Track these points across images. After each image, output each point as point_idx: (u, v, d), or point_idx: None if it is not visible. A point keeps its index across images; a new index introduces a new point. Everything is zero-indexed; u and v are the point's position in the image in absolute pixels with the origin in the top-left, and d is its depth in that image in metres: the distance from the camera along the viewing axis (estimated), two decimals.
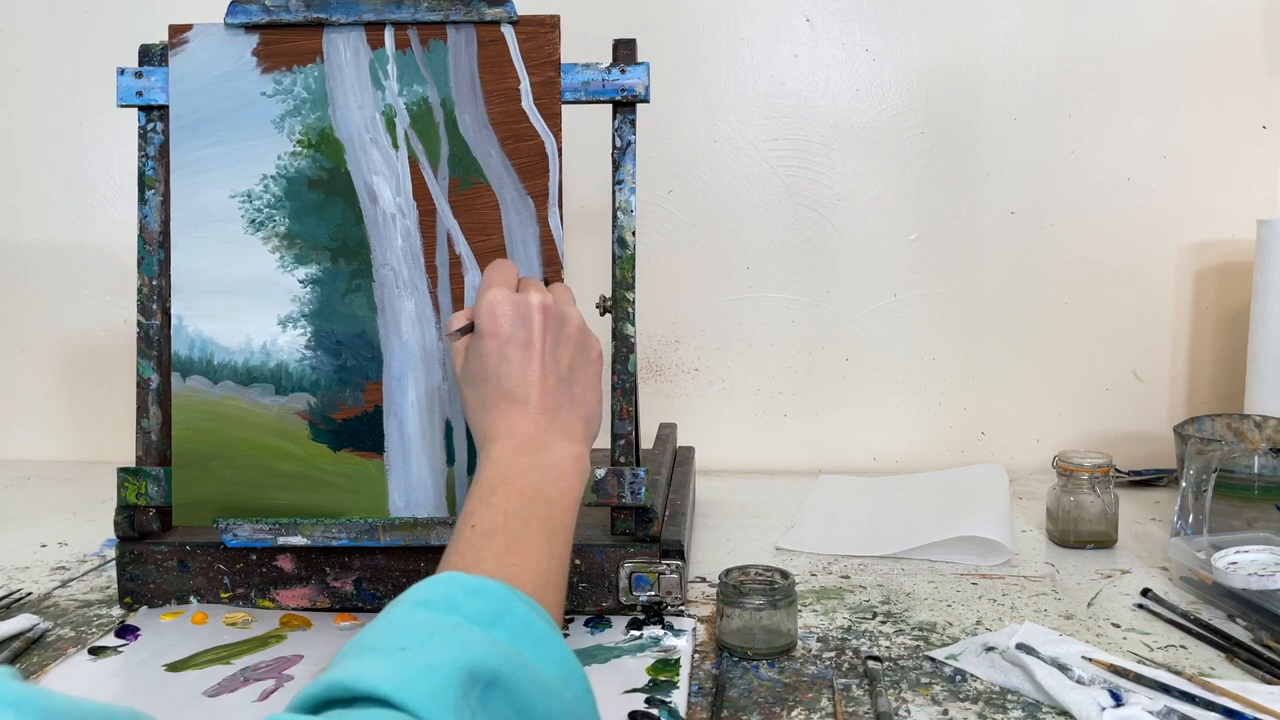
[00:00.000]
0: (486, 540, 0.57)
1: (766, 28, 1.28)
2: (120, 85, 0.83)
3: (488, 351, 0.66)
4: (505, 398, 0.65)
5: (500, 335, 0.66)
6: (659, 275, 1.30)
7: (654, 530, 0.81)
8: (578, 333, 0.69)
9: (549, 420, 0.64)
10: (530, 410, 0.64)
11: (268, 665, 0.72)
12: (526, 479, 0.61)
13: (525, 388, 0.65)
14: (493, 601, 0.49)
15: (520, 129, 0.82)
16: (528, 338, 0.66)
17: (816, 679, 0.70)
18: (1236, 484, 0.92)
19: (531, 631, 0.49)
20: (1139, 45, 1.25)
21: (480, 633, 0.47)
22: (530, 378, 0.65)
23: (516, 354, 0.65)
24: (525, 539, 0.57)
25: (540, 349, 0.65)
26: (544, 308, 0.66)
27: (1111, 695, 0.64)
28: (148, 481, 0.81)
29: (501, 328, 0.66)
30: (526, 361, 0.65)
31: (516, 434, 0.63)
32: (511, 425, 0.63)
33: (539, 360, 0.65)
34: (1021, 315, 1.29)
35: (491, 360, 0.66)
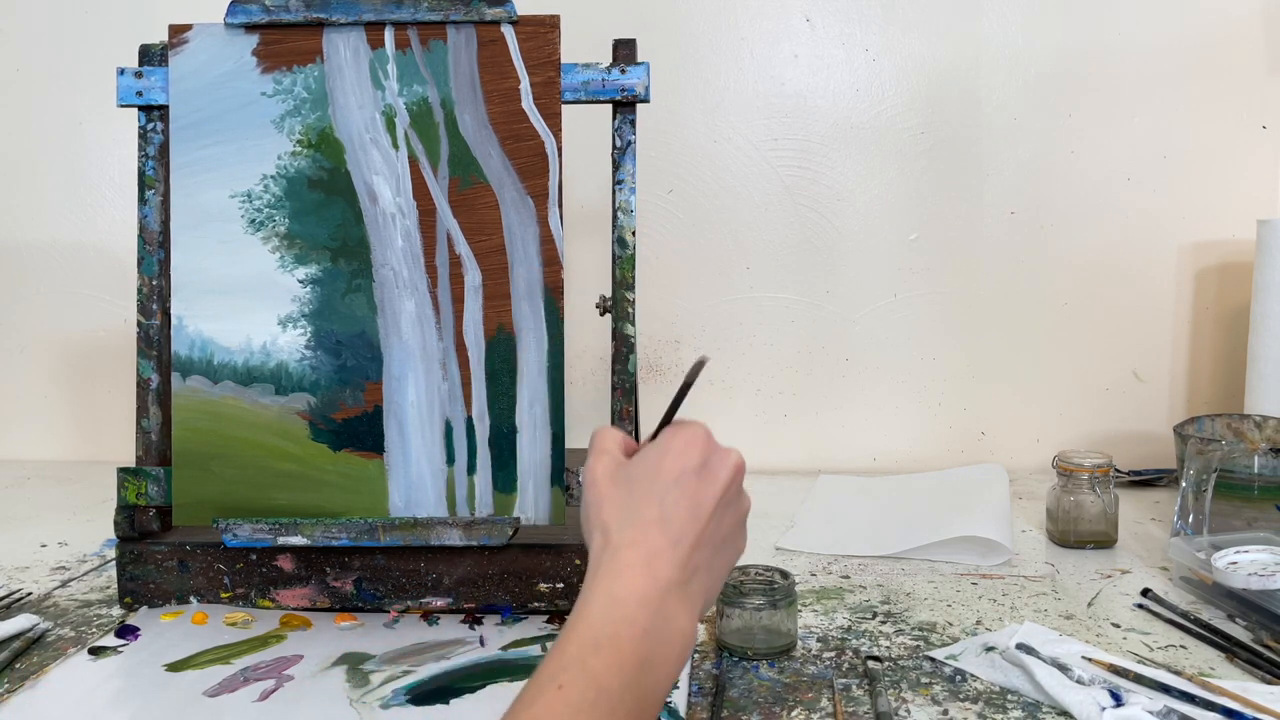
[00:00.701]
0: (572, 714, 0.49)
1: (766, 28, 1.28)
2: (120, 85, 0.83)
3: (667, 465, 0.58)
4: (660, 523, 0.56)
5: (689, 464, 0.58)
6: (659, 275, 1.30)
7: None
8: (744, 515, 0.61)
9: (685, 579, 0.55)
10: (679, 555, 0.55)
11: (268, 665, 0.72)
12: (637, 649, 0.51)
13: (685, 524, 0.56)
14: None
15: (520, 129, 0.82)
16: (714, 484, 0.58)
17: (816, 679, 0.70)
18: (1236, 484, 0.92)
19: None
20: (1139, 45, 1.25)
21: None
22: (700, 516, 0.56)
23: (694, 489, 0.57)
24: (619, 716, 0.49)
25: (717, 500, 0.57)
26: (739, 469, 0.59)
27: (1111, 695, 0.64)
28: (148, 481, 0.81)
29: (692, 458, 0.58)
30: (699, 501, 0.57)
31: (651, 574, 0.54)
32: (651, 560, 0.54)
33: (711, 509, 0.57)
34: (1021, 315, 1.29)
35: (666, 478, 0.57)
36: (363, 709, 0.66)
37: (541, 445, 0.80)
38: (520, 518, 0.79)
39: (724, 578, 0.60)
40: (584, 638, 0.51)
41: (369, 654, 0.74)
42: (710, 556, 0.57)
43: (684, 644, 0.54)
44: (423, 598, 0.81)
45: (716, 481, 0.58)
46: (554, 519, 0.80)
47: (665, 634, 0.53)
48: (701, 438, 0.59)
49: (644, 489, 0.57)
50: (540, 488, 0.80)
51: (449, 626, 0.79)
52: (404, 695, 0.67)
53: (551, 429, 0.80)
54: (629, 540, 0.55)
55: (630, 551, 0.54)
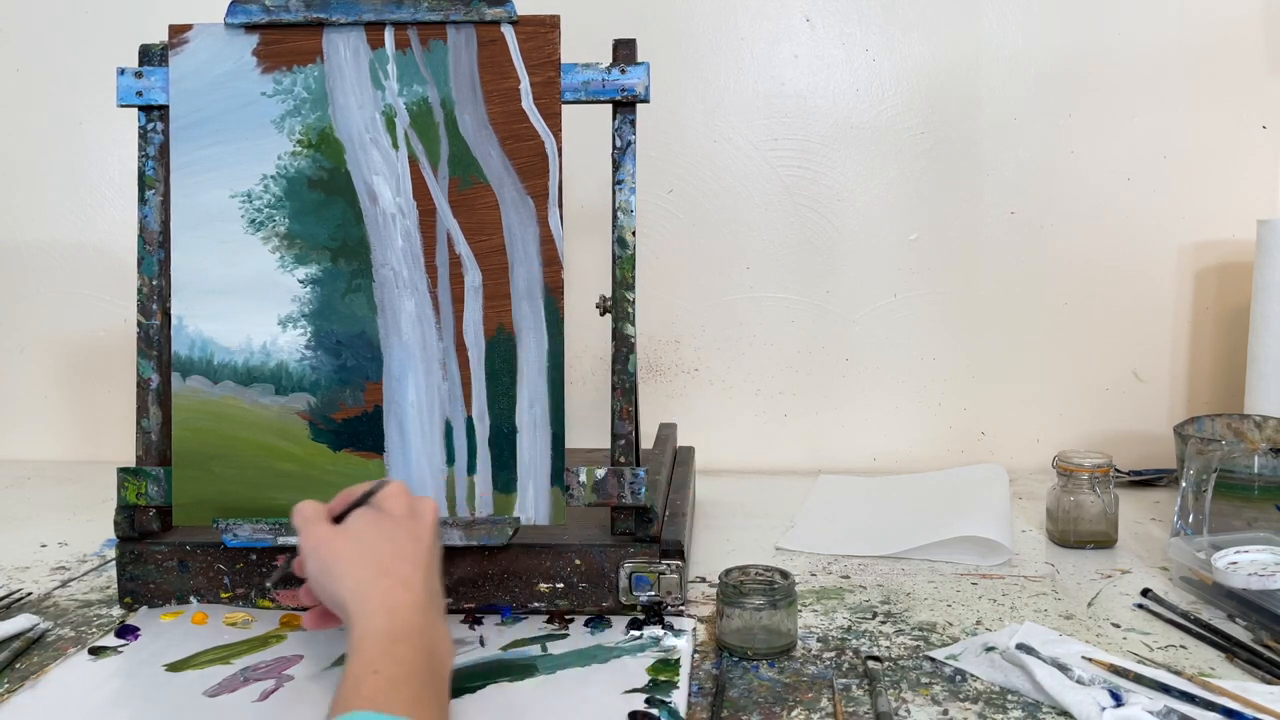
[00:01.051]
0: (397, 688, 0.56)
1: (766, 28, 1.28)
2: (120, 85, 0.83)
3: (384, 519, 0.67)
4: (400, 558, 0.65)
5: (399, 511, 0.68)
6: (659, 275, 1.30)
7: (654, 530, 0.81)
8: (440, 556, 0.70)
9: (429, 594, 0.64)
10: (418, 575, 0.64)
11: (268, 665, 0.72)
12: (423, 639, 0.60)
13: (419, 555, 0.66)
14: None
15: (520, 129, 0.82)
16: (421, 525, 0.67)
17: (816, 679, 0.70)
18: (1236, 484, 0.92)
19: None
20: (1139, 45, 1.25)
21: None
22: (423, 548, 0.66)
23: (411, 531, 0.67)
24: (428, 697, 0.57)
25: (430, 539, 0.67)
26: (435, 513, 0.69)
27: (1111, 695, 0.64)
28: (148, 481, 0.81)
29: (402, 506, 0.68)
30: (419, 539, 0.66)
31: (414, 590, 0.63)
32: (409, 581, 0.63)
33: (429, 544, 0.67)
34: (1021, 315, 1.29)
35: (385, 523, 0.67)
36: None
37: (541, 445, 0.80)
38: (520, 518, 0.79)
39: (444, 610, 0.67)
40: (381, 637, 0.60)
41: None
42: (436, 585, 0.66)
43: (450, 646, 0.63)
44: None
45: (424, 521, 0.68)
46: (554, 519, 0.80)
47: (437, 634, 0.62)
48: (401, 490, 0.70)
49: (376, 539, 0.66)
50: (540, 488, 0.80)
51: (449, 626, 0.79)
52: None
53: (551, 429, 0.80)
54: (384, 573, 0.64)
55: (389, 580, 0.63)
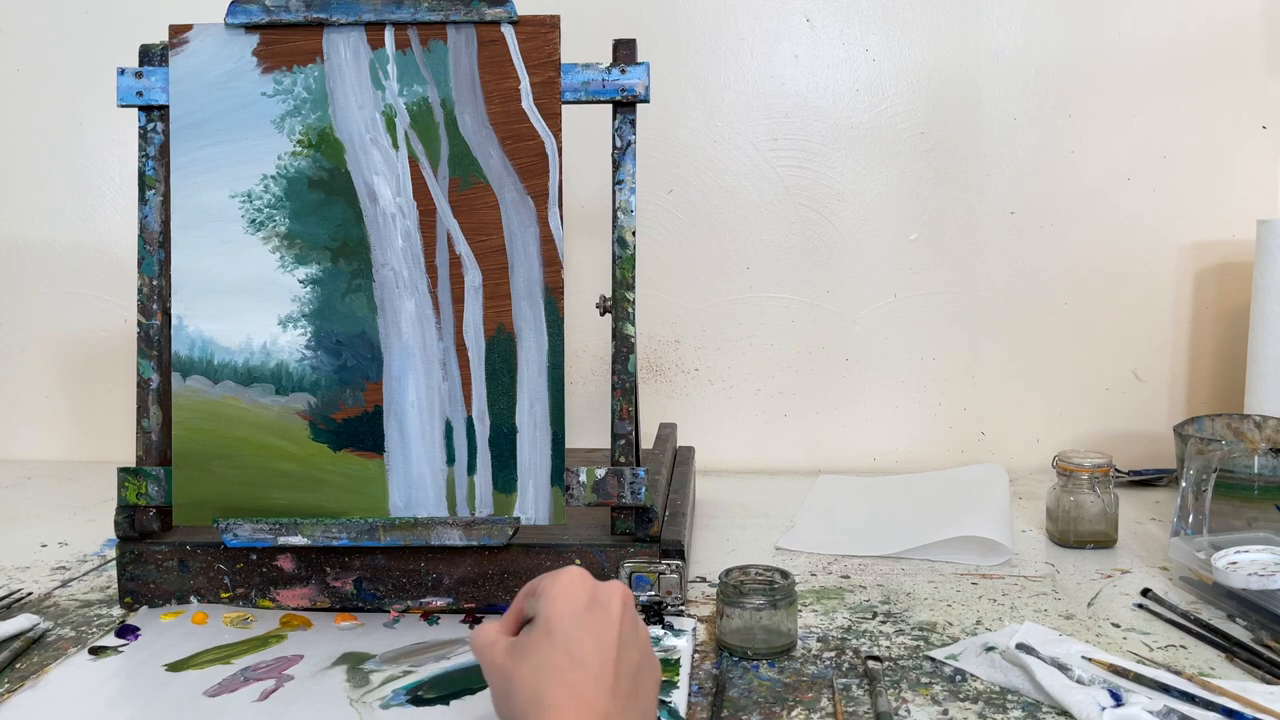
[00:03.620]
0: None
1: (766, 28, 1.28)
2: (120, 85, 0.83)
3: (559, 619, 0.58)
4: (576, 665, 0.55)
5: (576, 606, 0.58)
6: (659, 275, 1.30)
7: (654, 530, 0.81)
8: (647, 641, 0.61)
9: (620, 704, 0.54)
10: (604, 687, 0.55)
11: (268, 665, 0.72)
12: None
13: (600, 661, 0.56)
14: None
15: (520, 129, 0.82)
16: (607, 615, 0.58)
17: (816, 679, 0.70)
18: (1236, 484, 0.92)
19: None
20: (1139, 45, 1.25)
21: None
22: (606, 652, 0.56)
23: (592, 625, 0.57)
24: None
25: (619, 629, 0.58)
26: (627, 595, 0.60)
27: (1111, 695, 0.64)
28: (148, 481, 0.81)
29: (579, 599, 0.58)
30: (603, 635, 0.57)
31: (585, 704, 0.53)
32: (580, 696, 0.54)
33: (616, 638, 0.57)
34: (1021, 315, 1.29)
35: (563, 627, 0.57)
36: (363, 709, 0.66)
37: (542, 445, 0.80)
38: (520, 518, 0.80)
39: (654, 708, 0.59)
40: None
41: (369, 654, 0.74)
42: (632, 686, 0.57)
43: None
44: (423, 598, 0.81)
45: (610, 611, 0.58)
46: (554, 519, 0.80)
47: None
48: (579, 580, 0.59)
49: (545, 647, 0.57)
50: (540, 488, 0.80)
51: (449, 626, 0.79)
52: (404, 695, 0.67)
53: (552, 429, 0.81)
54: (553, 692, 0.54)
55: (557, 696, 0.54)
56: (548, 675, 0.55)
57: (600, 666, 0.55)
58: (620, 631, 0.57)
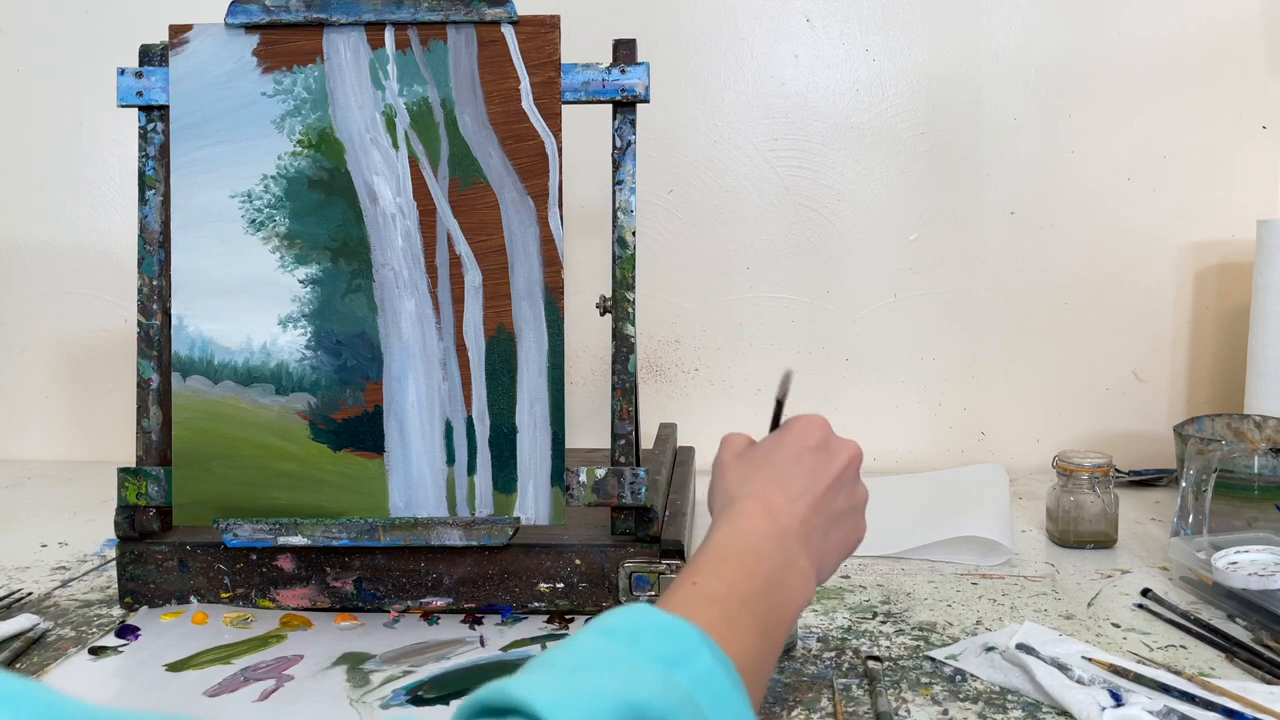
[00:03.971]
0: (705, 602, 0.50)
1: (766, 28, 1.28)
2: (120, 85, 0.83)
3: (785, 445, 0.61)
4: (778, 484, 0.58)
5: (807, 443, 0.61)
6: (659, 275, 1.30)
7: (654, 530, 0.81)
8: (860, 502, 0.63)
9: (803, 533, 0.56)
10: (796, 511, 0.57)
11: (268, 665, 0.72)
12: (763, 567, 0.53)
13: (801, 493, 0.58)
14: (680, 644, 0.45)
15: (520, 129, 0.82)
16: (831, 462, 0.61)
17: (816, 679, 0.70)
18: (1236, 484, 0.92)
19: (713, 685, 0.44)
20: (1139, 45, 1.25)
21: (657, 673, 0.43)
22: (813, 492, 0.58)
23: (811, 462, 0.60)
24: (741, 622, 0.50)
25: (834, 478, 0.60)
26: (856, 456, 0.62)
27: (1111, 695, 0.64)
28: (148, 481, 0.81)
29: (811, 439, 0.61)
30: (815, 473, 0.59)
31: (771, 518, 0.56)
32: (771, 508, 0.56)
33: (828, 485, 0.59)
34: (1021, 315, 1.29)
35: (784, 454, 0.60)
36: (363, 709, 0.66)
37: (542, 445, 0.80)
38: (520, 518, 0.79)
39: (839, 557, 0.61)
40: (711, 554, 0.53)
41: (369, 654, 0.74)
42: (825, 525, 0.59)
43: (804, 585, 0.55)
44: (423, 598, 0.81)
45: (834, 460, 0.61)
46: (554, 519, 0.80)
47: (786, 566, 0.54)
48: (820, 424, 0.62)
49: (763, 461, 0.60)
50: (540, 488, 0.80)
51: (449, 626, 0.79)
52: (404, 695, 0.67)
53: (552, 429, 0.80)
54: (747, 494, 0.57)
55: (749, 503, 0.57)
56: (752, 483, 0.59)
57: (802, 493, 0.58)
58: (837, 477, 0.60)
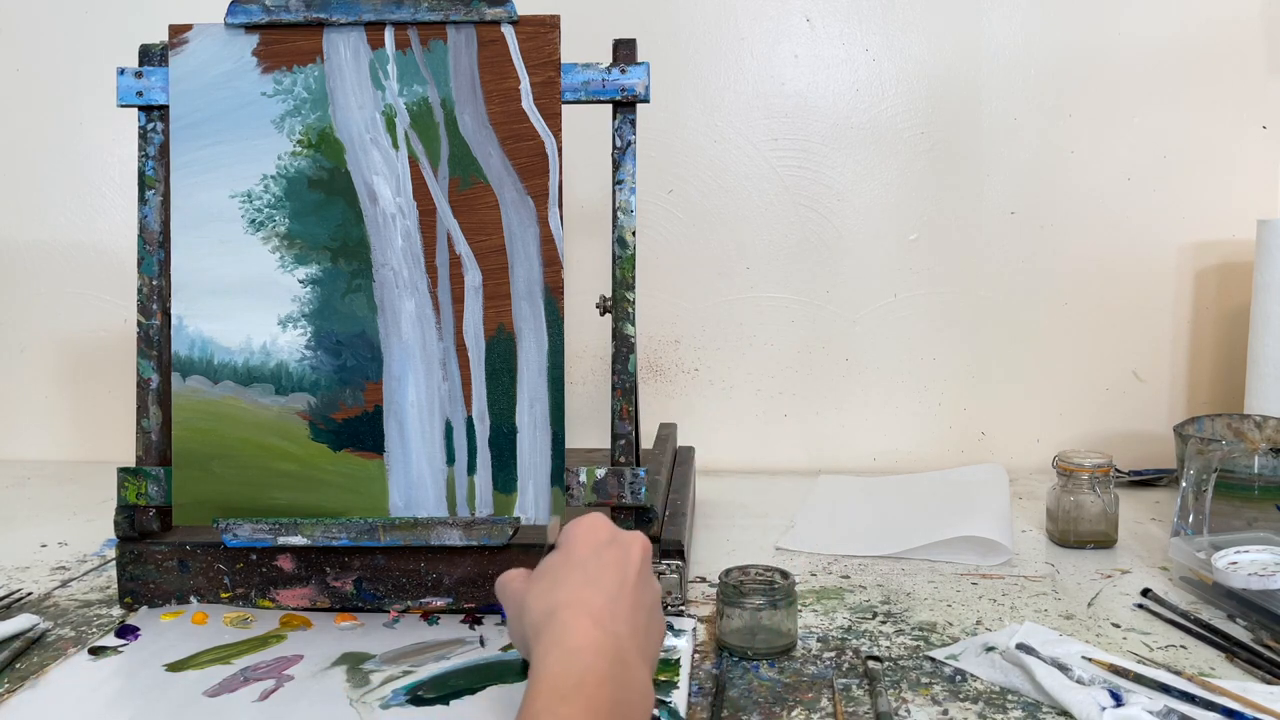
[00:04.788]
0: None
1: (766, 28, 1.28)
2: (120, 85, 0.83)
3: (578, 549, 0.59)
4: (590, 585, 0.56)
5: (597, 540, 0.60)
6: (659, 275, 1.30)
7: (654, 530, 0.81)
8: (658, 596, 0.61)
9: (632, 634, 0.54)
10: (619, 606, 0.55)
11: (268, 665, 0.72)
12: (603, 693, 0.50)
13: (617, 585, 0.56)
14: None
15: (520, 129, 0.82)
16: (627, 554, 0.59)
17: (816, 679, 0.70)
18: (1236, 484, 0.92)
19: None
20: (1139, 45, 1.25)
21: None
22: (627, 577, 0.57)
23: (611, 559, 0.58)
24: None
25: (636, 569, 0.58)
26: (646, 545, 0.60)
27: (1111, 695, 0.64)
28: (148, 481, 0.81)
29: (600, 535, 0.60)
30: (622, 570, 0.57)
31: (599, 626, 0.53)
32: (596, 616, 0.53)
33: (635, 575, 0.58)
34: (1021, 315, 1.29)
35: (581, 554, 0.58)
36: (363, 709, 0.66)
37: (542, 445, 0.80)
38: (520, 518, 0.79)
39: (657, 655, 0.59)
40: (549, 693, 0.49)
41: (369, 654, 0.74)
42: (645, 621, 0.57)
43: (645, 699, 0.52)
44: (423, 598, 0.81)
45: (631, 551, 0.59)
46: None
47: (627, 682, 0.51)
48: (602, 519, 0.61)
49: (562, 567, 0.57)
50: (540, 488, 0.80)
51: (449, 626, 0.79)
52: (404, 695, 0.67)
53: (552, 429, 0.80)
54: (564, 601, 0.54)
55: (569, 611, 0.53)
56: (563, 590, 0.56)
57: (616, 590, 0.56)
58: (638, 571, 0.58)
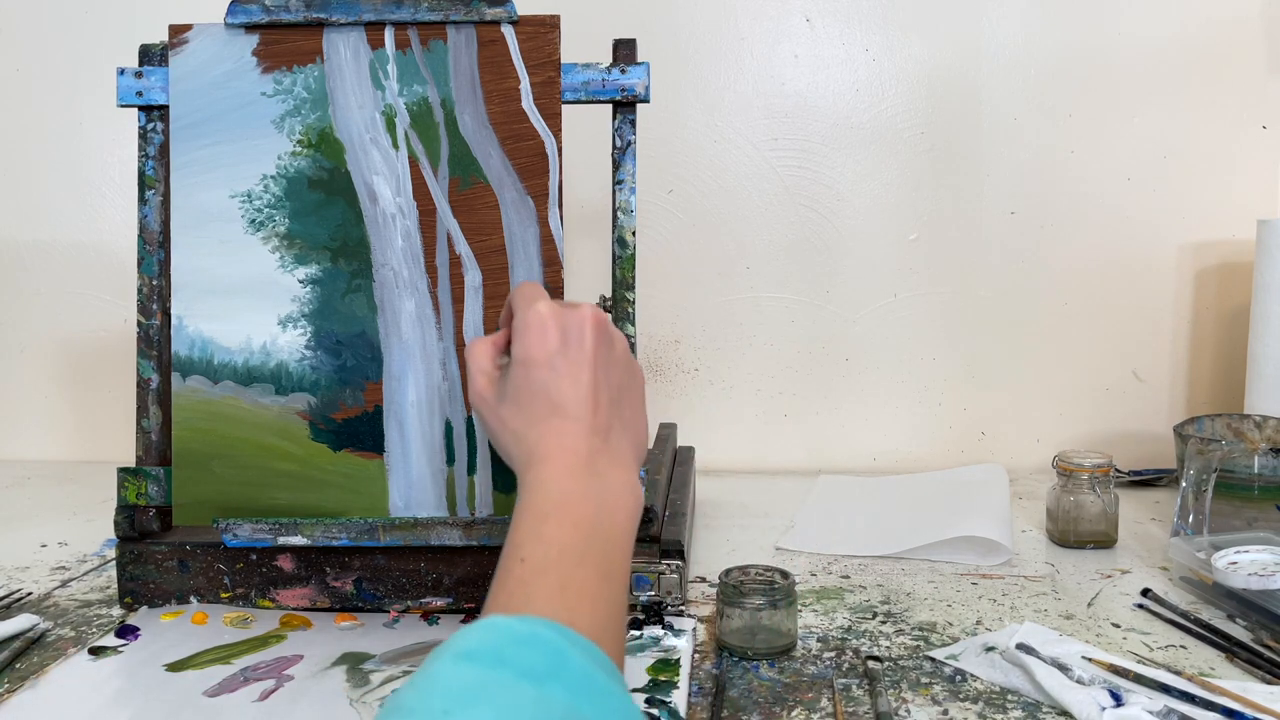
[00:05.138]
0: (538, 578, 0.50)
1: (766, 28, 1.28)
2: (120, 85, 0.83)
3: (534, 364, 0.60)
4: (555, 413, 0.59)
5: (549, 349, 0.60)
6: (659, 275, 1.30)
7: (654, 530, 0.81)
8: (625, 354, 0.64)
9: (603, 442, 0.58)
10: (583, 427, 0.58)
11: (268, 665, 0.72)
12: (582, 509, 0.55)
13: (578, 403, 0.59)
14: (546, 652, 0.43)
15: (520, 129, 0.82)
16: (580, 353, 0.60)
17: (816, 679, 0.70)
18: (1236, 484, 0.92)
19: (591, 686, 0.43)
20: (1139, 45, 1.25)
21: (532, 690, 0.41)
22: (583, 392, 0.59)
23: (567, 368, 0.60)
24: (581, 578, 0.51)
25: (593, 364, 0.60)
26: (596, 323, 0.61)
27: (1111, 695, 0.64)
28: (148, 481, 0.81)
29: (551, 341, 0.60)
30: (578, 375, 0.60)
31: (569, 452, 0.57)
32: (563, 443, 0.57)
33: (591, 375, 0.60)
34: (1021, 315, 1.29)
35: (540, 373, 0.60)
36: (363, 709, 0.66)
37: None
38: None
39: (643, 418, 0.64)
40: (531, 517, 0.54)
41: (369, 654, 0.74)
42: (614, 411, 0.61)
43: (629, 494, 0.58)
44: (423, 598, 0.81)
45: (583, 347, 0.61)
46: None
47: (606, 490, 0.57)
48: (546, 318, 0.61)
49: (527, 396, 0.60)
50: None
51: (449, 626, 0.79)
52: None
53: None
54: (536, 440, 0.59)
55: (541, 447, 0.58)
56: (535, 428, 0.59)
57: (579, 407, 0.59)
58: (594, 367, 0.60)
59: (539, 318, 0.61)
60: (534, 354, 0.61)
